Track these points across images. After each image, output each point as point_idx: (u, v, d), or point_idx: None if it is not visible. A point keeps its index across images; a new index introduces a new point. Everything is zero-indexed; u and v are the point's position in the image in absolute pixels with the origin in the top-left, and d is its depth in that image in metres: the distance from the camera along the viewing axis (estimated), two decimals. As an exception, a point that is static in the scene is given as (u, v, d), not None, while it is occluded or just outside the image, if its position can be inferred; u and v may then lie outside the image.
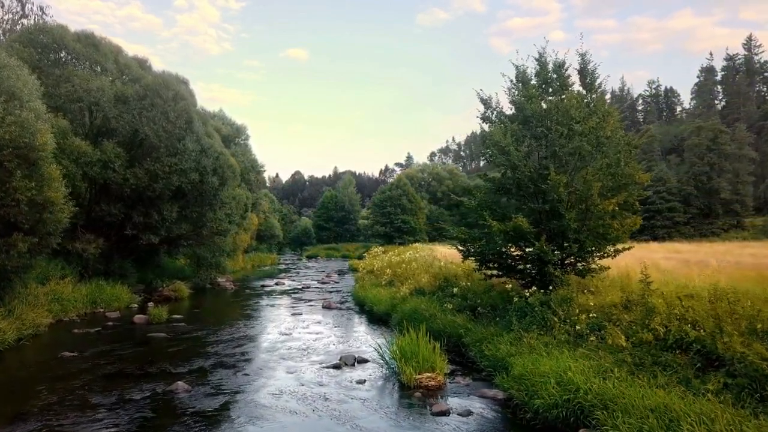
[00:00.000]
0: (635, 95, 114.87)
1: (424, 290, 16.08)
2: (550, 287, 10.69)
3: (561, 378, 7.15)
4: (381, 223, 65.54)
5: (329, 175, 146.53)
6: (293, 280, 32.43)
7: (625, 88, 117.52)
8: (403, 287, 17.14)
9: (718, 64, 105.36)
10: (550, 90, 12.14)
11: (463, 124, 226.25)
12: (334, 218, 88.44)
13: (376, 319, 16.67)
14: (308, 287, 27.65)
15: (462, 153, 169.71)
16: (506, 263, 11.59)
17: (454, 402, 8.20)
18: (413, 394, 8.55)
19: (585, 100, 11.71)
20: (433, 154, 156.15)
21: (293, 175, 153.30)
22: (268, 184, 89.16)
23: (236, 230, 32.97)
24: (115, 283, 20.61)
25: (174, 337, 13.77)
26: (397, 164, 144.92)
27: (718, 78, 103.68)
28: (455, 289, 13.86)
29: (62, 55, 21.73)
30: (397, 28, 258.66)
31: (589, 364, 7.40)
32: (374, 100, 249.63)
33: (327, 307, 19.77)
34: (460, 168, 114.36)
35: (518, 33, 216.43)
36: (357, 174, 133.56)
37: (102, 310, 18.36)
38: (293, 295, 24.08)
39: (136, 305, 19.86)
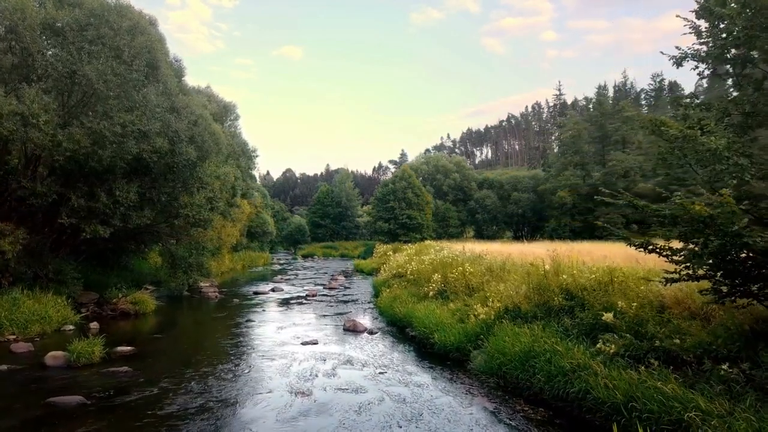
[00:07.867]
0: (638, 89, 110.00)
1: (520, 310, 10.00)
2: None
3: None
4: (384, 219, 59.01)
5: (321, 173, 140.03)
6: (292, 285, 26.15)
7: (628, 82, 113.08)
8: (478, 305, 11.01)
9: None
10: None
11: (457, 122, 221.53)
12: (331, 215, 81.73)
13: (438, 355, 10.57)
14: (313, 295, 21.43)
15: (457, 150, 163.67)
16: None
17: None
18: None
19: None
20: (427, 151, 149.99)
21: (284, 173, 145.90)
22: (258, 181, 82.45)
23: (222, 221, 26.59)
24: (46, 293, 14.33)
25: (98, 403, 7.50)
26: (390, 161, 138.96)
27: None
28: (606, 316, 7.75)
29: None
30: (391, 27, 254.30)
31: None
32: (367, 98, 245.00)
33: (351, 329, 13.64)
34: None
35: (511, 33, 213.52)
36: (350, 171, 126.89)
37: (13, 336, 12.09)
38: (297, 309, 17.84)
39: (72, 327, 13.57)
